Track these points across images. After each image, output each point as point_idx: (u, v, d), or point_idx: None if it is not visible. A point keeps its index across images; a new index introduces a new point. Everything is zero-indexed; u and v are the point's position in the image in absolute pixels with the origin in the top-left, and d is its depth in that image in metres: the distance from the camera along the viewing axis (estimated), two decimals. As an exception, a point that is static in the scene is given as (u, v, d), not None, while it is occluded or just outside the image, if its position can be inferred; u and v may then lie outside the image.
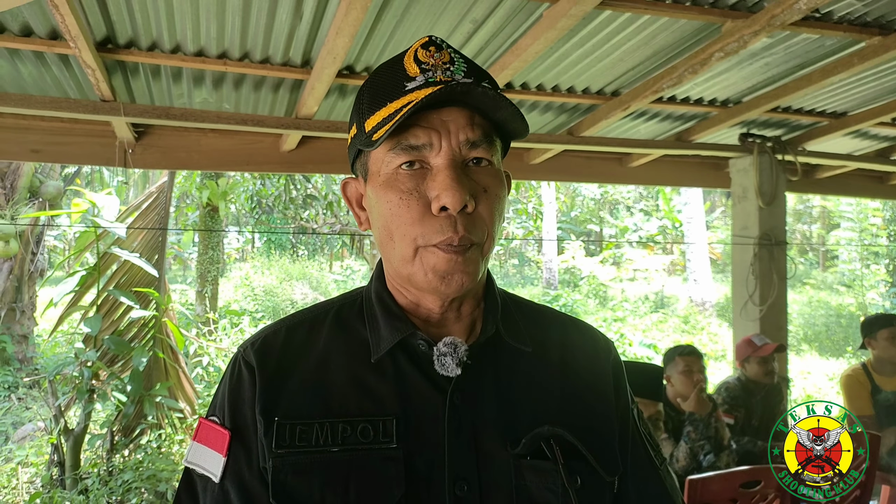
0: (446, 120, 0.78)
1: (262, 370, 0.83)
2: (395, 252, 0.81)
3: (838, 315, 14.15)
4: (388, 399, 0.81)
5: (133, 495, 4.45)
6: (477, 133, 0.78)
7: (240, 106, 3.23)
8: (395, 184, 0.78)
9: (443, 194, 0.75)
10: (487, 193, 0.80)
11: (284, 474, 0.77)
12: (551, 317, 0.97)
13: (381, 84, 0.81)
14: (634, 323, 13.40)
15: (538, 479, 0.79)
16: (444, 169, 0.76)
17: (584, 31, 2.61)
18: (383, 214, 0.80)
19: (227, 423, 0.83)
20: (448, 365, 0.81)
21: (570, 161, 4.25)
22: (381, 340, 0.84)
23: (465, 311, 0.87)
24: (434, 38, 0.81)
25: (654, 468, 0.92)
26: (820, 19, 2.59)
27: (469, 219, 0.78)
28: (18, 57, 2.60)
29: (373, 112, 0.80)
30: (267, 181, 11.35)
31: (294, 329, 0.89)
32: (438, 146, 0.77)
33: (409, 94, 0.77)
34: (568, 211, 24.41)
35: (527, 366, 0.87)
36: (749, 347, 3.60)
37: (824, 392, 9.17)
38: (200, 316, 8.99)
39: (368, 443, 0.78)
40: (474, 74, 0.80)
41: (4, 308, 7.52)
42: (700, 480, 2.04)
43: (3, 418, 6.59)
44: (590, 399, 0.89)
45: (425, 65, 0.78)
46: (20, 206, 7.35)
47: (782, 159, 4.21)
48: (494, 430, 0.81)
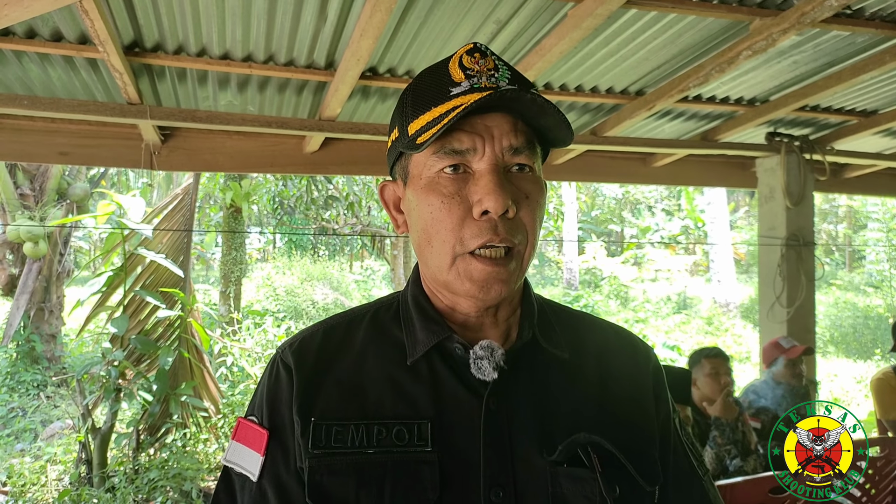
0: (490, 125, 0.78)
1: (300, 371, 0.84)
2: (432, 257, 0.81)
3: (866, 317, 13.88)
4: (424, 402, 0.81)
5: (159, 493, 4.51)
6: (520, 139, 0.78)
7: (264, 108, 3.26)
8: (437, 187, 0.79)
9: (485, 198, 0.75)
10: (529, 200, 0.80)
11: (320, 475, 0.77)
12: (590, 323, 0.96)
13: (425, 88, 0.81)
14: (656, 324, 13.28)
15: (575, 486, 0.77)
16: (486, 173, 0.76)
17: (608, 31, 2.58)
18: (423, 218, 0.80)
19: (266, 422, 0.83)
20: (485, 368, 0.80)
21: (593, 161, 4.22)
22: (417, 343, 0.84)
23: (502, 317, 0.86)
24: (479, 45, 0.81)
25: (697, 478, 0.90)
26: (851, 16, 2.54)
27: (510, 223, 0.77)
28: (49, 61, 2.65)
29: (417, 115, 0.80)
30: (289, 182, 11.43)
31: (331, 331, 0.89)
32: (482, 151, 0.77)
33: (455, 98, 0.77)
34: (589, 211, 24.27)
35: (564, 372, 0.86)
36: (777, 350, 3.55)
37: (851, 395, 9.01)
38: (224, 316, 9.08)
39: (403, 445, 0.78)
40: (518, 81, 0.80)
41: (34, 308, 7.66)
42: (728, 486, 2.01)
43: (32, 416, 6.71)
44: (629, 407, 0.87)
45: (470, 70, 0.79)
46: (49, 207, 7.48)
47: (810, 159, 4.14)
48: (531, 435, 0.80)
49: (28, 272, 7.60)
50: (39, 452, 5.61)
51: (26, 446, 5.91)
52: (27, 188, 7.44)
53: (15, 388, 7.27)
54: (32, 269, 7.61)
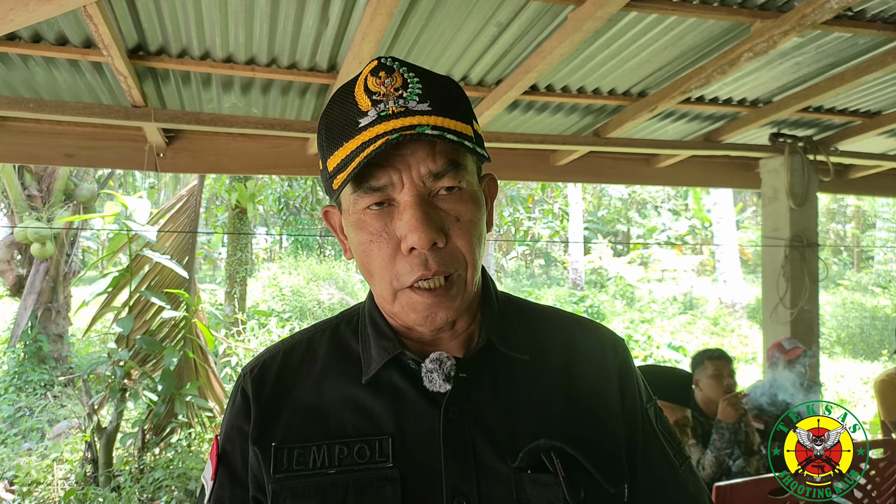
0: (405, 154, 0.74)
1: (258, 399, 0.84)
2: (375, 288, 0.81)
3: (873, 317, 13.80)
4: (384, 418, 0.80)
5: (164, 493, 4.54)
6: (440, 163, 0.74)
7: (268, 110, 3.28)
8: (364, 226, 0.77)
9: (409, 235, 0.73)
10: (460, 222, 0.77)
11: (283, 499, 0.77)
12: (556, 319, 0.94)
13: (335, 120, 0.78)
14: (662, 324, 13.25)
15: (540, 492, 0.77)
16: (408, 207, 0.73)
17: (609, 33, 2.59)
18: (358, 253, 0.80)
19: (220, 447, 0.85)
20: (436, 381, 0.80)
21: (596, 162, 4.23)
22: (371, 360, 0.84)
23: (460, 327, 0.85)
24: (383, 61, 0.76)
25: (672, 468, 0.88)
26: (852, 18, 2.54)
27: (441, 253, 0.75)
28: (54, 65, 2.67)
29: (332, 151, 0.77)
30: (294, 183, 11.47)
31: (291, 351, 0.89)
32: (401, 183, 0.74)
33: (363, 132, 0.73)
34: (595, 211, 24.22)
35: (526, 375, 0.85)
36: (779, 351, 3.54)
37: (858, 396, 8.96)
38: (229, 316, 9.12)
39: (365, 463, 0.77)
40: (430, 97, 0.75)
41: (41, 308, 7.71)
42: (728, 487, 2.01)
43: (39, 415, 6.76)
44: (594, 405, 0.85)
45: (376, 95, 0.74)
46: (56, 208, 7.53)
47: (814, 159, 4.13)
48: (493, 443, 0.79)
49: (35, 272, 7.66)
50: (46, 451, 5.65)
51: (33, 445, 5.95)
52: (35, 189, 7.50)
53: (22, 387, 7.33)
54: (40, 269, 7.66)
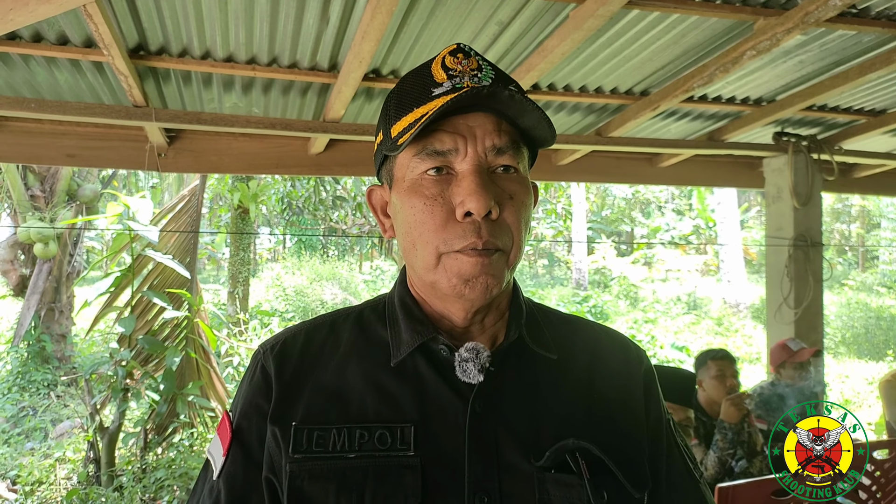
0: (472, 125, 0.77)
1: (280, 378, 0.83)
2: (418, 259, 0.80)
3: (878, 317, 13.74)
4: (408, 405, 0.79)
5: (166, 493, 4.53)
6: (504, 139, 0.77)
7: (269, 110, 3.27)
8: (420, 189, 0.78)
9: (467, 199, 0.74)
10: (514, 200, 0.78)
11: (301, 480, 0.76)
12: (580, 325, 0.95)
13: (408, 90, 0.80)
14: (666, 325, 13.22)
15: (562, 493, 0.76)
16: (469, 174, 0.75)
17: (611, 31, 2.58)
18: (407, 221, 0.79)
19: (234, 423, 0.83)
20: (470, 371, 0.79)
21: (598, 161, 4.21)
22: (401, 343, 0.83)
23: (489, 323, 0.85)
24: (462, 46, 0.80)
25: (693, 482, 0.89)
26: (856, 15, 2.52)
27: (494, 225, 0.76)
28: (55, 65, 2.67)
29: (399, 117, 0.79)
30: (297, 183, 11.48)
31: (314, 331, 0.88)
32: (464, 151, 0.76)
33: (436, 99, 0.76)
34: (598, 211, 24.19)
35: (553, 374, 0.85)
36: (784, 352, 3.52)
37: (863, 397, 8.92)
38: (232, 316, 9.12)
39: (386, 450, 0.76)
40: (501, 81, 0.79)
41: (44, 308, 7.73)
42: (730, 488, 1.99)
43: (42, 415, 6.77)
44: (619, 411, 0.86)
45: (453, 71, 0.78)
46: (59, 208, 7.54)
47: (818, 158, 4.11)
48: (517, 440, 0.78)
49: (38, 273, 7.67)
50: (49, 451, 5.66)
51: (36, 445, 5.96)
52: (38, 189, 7.51)
53: (26, 387, 7.34)
54: (43, 269, 7.68)
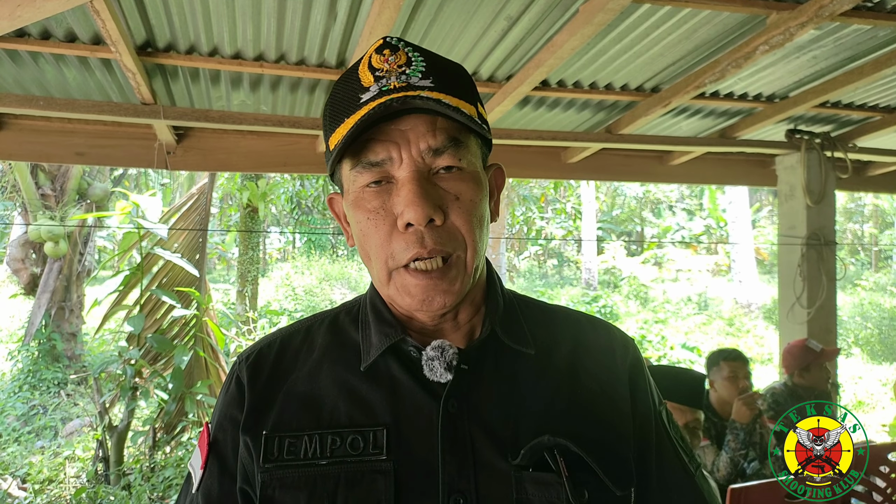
0: (405, 129, 0.73)
1: (252, 387, 0.82)
2: (373, 272, 0.79)
3: (892, 318, 13.60)
4: (381, 408, 0.78)
5: (174, 491, 4.54)
6: (440, 139, 0.73)
7: (277, 107, 3.26)
8: (362, 203, 0.76)
9: (406, 210, 0.72)
10: (460, 201, 0.75)
11: (272, 489, 0.74)
12: (564, 317, 0.91)
13: (339, 98, 0.77)
14: (676, 325, 13.14)
15: (541, 492, 0.73)
16: (406, 183, 0.72)
17: (621, 26, 2.55)
18: (357, 233, 0.78)
19: (211, 435, 0.82)
20: (437, 369, 0.77)
21: (608, 160, 4.17)
22: (371, 347, 0.81)
23: (463, 319, 0.83)
24: (389, 40, 0.76)
25: (687, 475, 0.86)
26: (872, 9, 2.48)
27: (440, 231, 0.73)
28: (64, 62, 2.67)
29: (334, 128, 0.77)
30: (306, 182, 11.49)
31: (289, 339, 0.87)
32: (399, 159, 0.73)
33: (363, 107, 0.72)
34: (608, 210, 24.10)
35: (530, 370, 0.82)
36: (809, 354, 3.46)
37: (877, 398, 8.83)
38: (241, 315, 9.15)
39: (358, 455, 0.75)
40: (433, 73, 0.74)
41: (54, 307, 7.78)
42: (743, 490, 1.96)
43: (52, 413, 6.81)
44: (602, 404, 0.82)
45: (379, 71, 0.74)
46: (69, 207, 7.58)
47: (832, 156, 4.06)
48: (494, 438, 0.76)
49: (49, 271, 7.72)
50: (59, 449, 5.69)
51: (46, 443, 5.99)
52: (48, 188, 7.56)
53: (36, 385, 7.39)
54: (53, 268, 7.73)
